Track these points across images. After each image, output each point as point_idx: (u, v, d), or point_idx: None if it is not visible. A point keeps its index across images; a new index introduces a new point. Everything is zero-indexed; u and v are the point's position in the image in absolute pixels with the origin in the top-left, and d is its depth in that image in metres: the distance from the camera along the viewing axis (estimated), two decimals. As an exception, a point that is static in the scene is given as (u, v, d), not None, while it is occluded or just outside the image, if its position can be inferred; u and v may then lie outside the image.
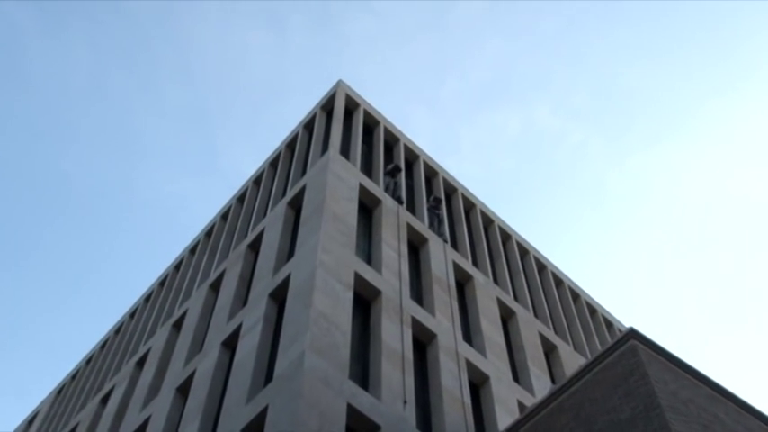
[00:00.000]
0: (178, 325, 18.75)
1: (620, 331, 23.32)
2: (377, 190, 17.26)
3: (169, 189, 61.58)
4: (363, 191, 16.85)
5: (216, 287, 18.17)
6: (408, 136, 21.72)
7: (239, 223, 20.05)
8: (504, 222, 22.48)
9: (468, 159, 62.01)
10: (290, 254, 15.44)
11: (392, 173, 18.70)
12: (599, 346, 21.12)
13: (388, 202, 17.20)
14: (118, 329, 24.48)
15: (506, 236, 22.14)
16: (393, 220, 16.71)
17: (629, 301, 57.06)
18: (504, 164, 61.62)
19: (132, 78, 61.96)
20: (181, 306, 19.49)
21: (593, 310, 23.34)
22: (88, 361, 25.04)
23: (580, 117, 61.63)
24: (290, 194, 17.36)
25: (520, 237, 22.63)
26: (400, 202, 17.66)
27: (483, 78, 61.99)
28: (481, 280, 17.91)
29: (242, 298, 16.17)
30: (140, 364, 19.19)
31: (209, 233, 22.64)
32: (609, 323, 23.39)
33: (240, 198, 22.01)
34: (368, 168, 19.03)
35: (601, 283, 57.34)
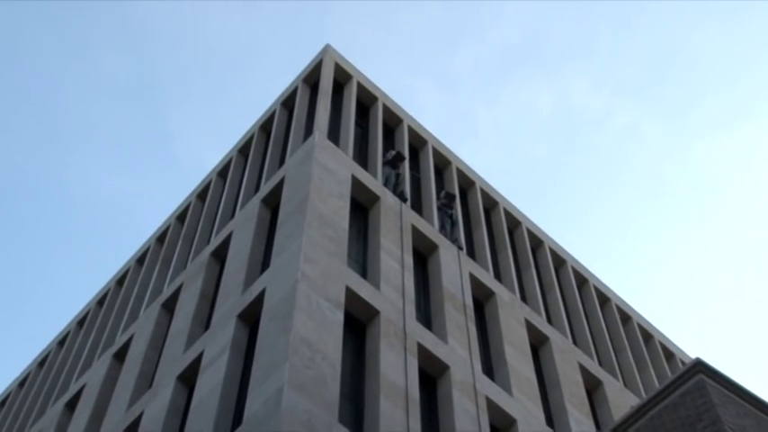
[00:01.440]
0: (121, 355, 18.74)
1: (683, 363, 23.38)
2: (374, 184, 17.28)
3: (109, 184, 61.57)
4: (357, 185, 16.87)
5: (170, 307, 18.17)
6: (413, 116, 21.77)
7: (200, 226, 20.08)
8: (533, 224, 22.52)
9: (487, 145, 62.15)
10: (265, 264, 15.45)
11: (393, 162, 18.73)
12: (656, 383, 21.15)
13: (388, 199, 17.22)
14: (42, 361, 24.45)
15: (537, 241, 22.19)
16: (394, 221, 16.73)
17: (694, 325, 57.16)
18: (533, 151, 61.83)
19: (61, 43, 62.06)
20: (125, 331, 19.49)
21: (648, 336, 23.39)
22: (3, 402, 24.98)
23: (630, 93, 61.84)
24: (264, 189, 17.37)
25: (554, 242, 22.68)
26: (403, 200, 17.69)
27: (506, 43, 62.14)
28: (505, 297, 17.94)
29: (203, 321, 16.17)
30: (71, 405, 19.17)
31: (161, 239, 22.65)
32: (669, 353, 23.44)
33: (201, 194, 22.03)
34: (363, 157, 19.04)
35: (658, 302, 57.42)
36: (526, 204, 55.62)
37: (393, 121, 20.96)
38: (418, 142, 21.19)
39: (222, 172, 21.61)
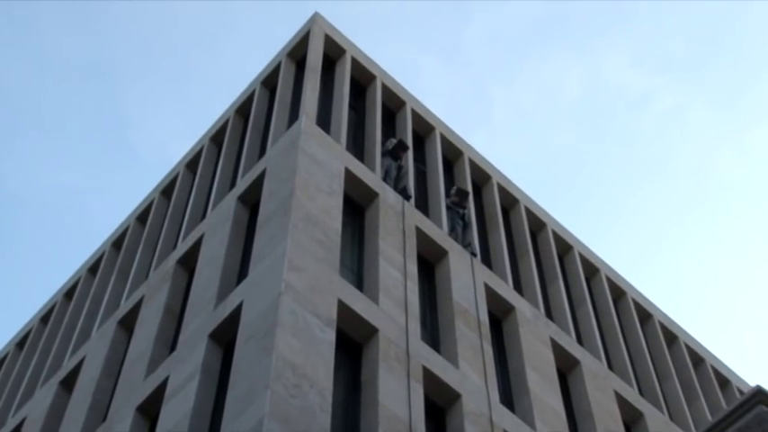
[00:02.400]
0: (69, 383, 18.74)
1: (740, 392, 23.39)
2: (372, 179, 17.31)
3: (55, 179, 61.61)
4: (351, 180, 16.90)
5: (128, 324, 18.18)
6: (418, 98, 21.79)
7: (164, 228, 20.10)
8: (560, 226, 22.56)
9: (505, 133, 62.20)
10: (242, 274, 15.47)
11: (395, 153, 18.76)
12: (708, 415, 21.16)
13: (388, 196, 17.25)
14: (-20, 389, 24.42)
15: (565, 247, 22.23)
16: (396, 223, 16.75)
17: (753, 346, 57.11)
18: (559, 139, 61.89)
19: None
20: (74, 354, 19.50)
21: (698, 359, 23.42)
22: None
23: (674, 72, 61.91)
24: (241, 185, 17.40)
25: (585, 248, 22.72)
26: (406, 197, 17.72)
27: (527, 14, 62.16)
28: (527, 313, 17.97)
29: (168, 341, 16.18)
30: (14, 440, 19.18)
31: (117, 244, 22.67)
32: (723, 379, 23.47)
33: (166, 191, 22.07)
34: (358, 146, 19.06)
35: (710, 320, 57.48)
36: (552, 202, 55.69)
37: (394, 103, 20.99)
38: (424, 129, 21.21)
39: (191, 164, 21.65)
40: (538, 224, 21.95)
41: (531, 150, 61.43)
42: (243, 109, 20.92)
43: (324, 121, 18.54)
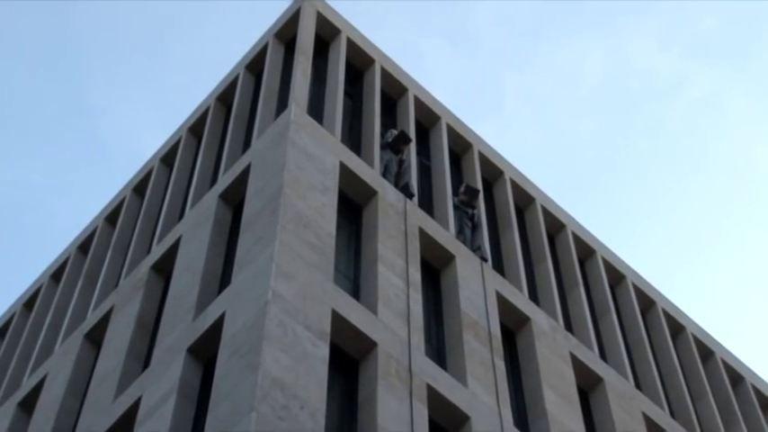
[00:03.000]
0: (29, 403, 18.73)
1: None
2: (370, 174, 17.33)
3: (14, 176, 61.54)
4: (347, 176, 16.92)
5: (96, 338, 18.20)
6: (422, 84, 21.81)
7: (137, 230, 20.11)
8: (581, 228, 22.58)
9: (519, 123, 62.16)
10: (225, 281, 15.50)
11: (396, 145, 18.76)
12: (745, 439, 21.17)
13: (388, 194, 17.27)
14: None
15: (587, 251, 22.25)
16: (397, 224, 16.78)
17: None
18: (579, 130, 61.90)
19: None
20: (34, 371, 19.50)
21: (737, 377, 23.41)
22: None
23: (708, 54, 61.88)
24: (223, 181, 17.41)
25: (609, 252, 22.74)
26: (409, 195, 17.74)
27: (547, -13, 62.09)
28: (544, 325, 17.99)
29: (141, 356, 16.20)
30: (-32, 468, 19.18)
31: (84, 247, 22.68)
32: (765, 400, 23.43)
33: (138, 188, 22.07)
34: (355, 138, 19.07)
35: (751, 333, 57.39)
36: (571, 201, 55.52)
37: (395, 90, 21.01)
38: (428, 119, 21.23)
39: (166, 158, 21.66)
40: (556, 225, 21.96)
41: (547, 143, 61.42)
42: (225, 96, 20.93)
43: (316, 110, 18.53)
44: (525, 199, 21.76)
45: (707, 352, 23.08)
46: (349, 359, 13.96)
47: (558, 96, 61.65)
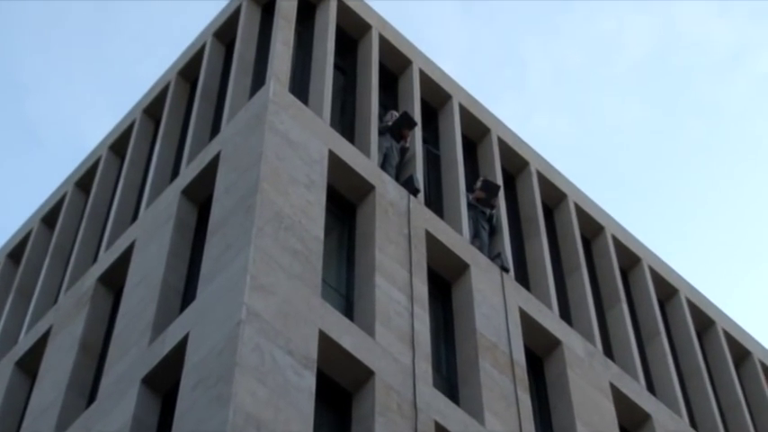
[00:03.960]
0: (-47, 444, 18.70)
1: None
2: (366, 166, 17.29)
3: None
4: (338, 167, 16.90)
5: (30, 366, 18.15)
6: (429, 55, 21.78)
7: (81, 234, 20.10)
8: (624, 231, 22.57)
9: (545, 103, 62.10)
10: (188, 296, 15.48)
11: (397, 129, 18.72)
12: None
13: (388, 189, 17.24)
14: None
15: (631, 258, 22.24)
16: (399, 226, 16.76)
17: None
18: (618, 112, 61.86)
19: None
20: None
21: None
22: None
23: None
24: (187, 175, 17.38)
25: (657, 260, 22.73)
26: (413, 191, 17.71)
27: (581, -62, 62.10)
28: (579, 350, 17.97)
29: (85, 388, 16.17)
30: None
31: (15, 255, 22.62)
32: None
33: (82, 182, 22.05)
34: (348, 121, 19.04)
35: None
36: (611, 198, 55.51)
37: (396, 63, 20.98)
38: (437, 98, 21.20)
39: (117, 146, 21.64)
40: (593, 228, 21.94)
41: (581, 128, 61.34)
42: (188, 70, 20.90)
43: (300, 87, 18.50)
44: (555, 196, 21.74)
45: (777, 383, 23.06)
46: (340, 391, 13.93)
47: (594, 72, 61.57)
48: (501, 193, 19.64)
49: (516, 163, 21.55)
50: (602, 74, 61.57)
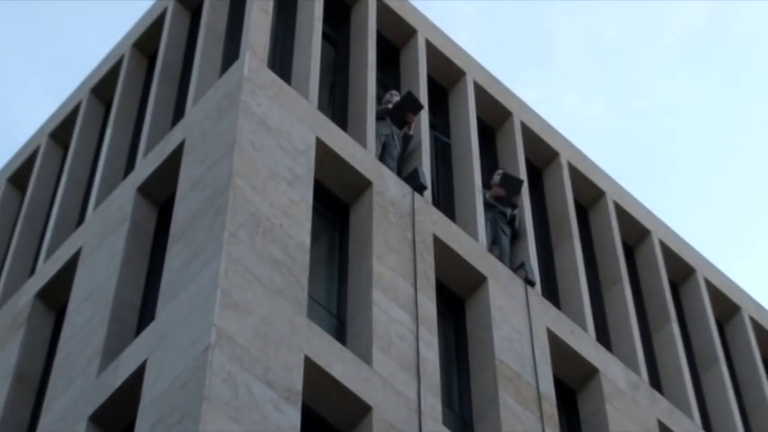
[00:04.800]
0: None
1: None
2: (361, 156, 17.31)
3: None
4: (328, 159, 16.93)
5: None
6: (438, 23, 21.80)
7: (14, 241, 20.12)
8: (675, 236, 22.59)
9: (577, 81, 62.07)
10: (146, 315, 15.50)
11: (400, 114, 18.73)
12: None
13: (388, 186, 17.26)
14: None
15: (683, 269, 22.28)
16: (401, 230, 16.78)
17: None
18: (665, 93, 61.82)
19: None
20: None
21: None
22: None
23: None
24: (144, 168, 17.39)
25: (715, 271, 22.75)
26: (419, 188, 17.72)
27: None
28: (620, 380, 17.99)
29: (22, 426, 16.16)
30: None
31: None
32: None
33: (15, 178, 22.07)
34: (339, 104, 19.04)
35: None
36: (659, 196, 55.50)
37: (398, 33, 21.02)
38: (448, 75, 21.23)
39: (58, 134, 21.68)
40: (637, 232, 21.96)
41: (621, 111, 61.27)
42: (145, 42, 20.94)
43: (281, 62, 18.52)
44: (590, 193, 21.77)
45: None
46: (330, 430, 13.93)
47: (635, 45, 61.58)
48: (525, 190, 19.65)
49: (543, 153, 21.58)
50: (644, 47, 61.55)
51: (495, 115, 21.40)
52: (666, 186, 58.28)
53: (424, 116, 19.29)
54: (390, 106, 18.78)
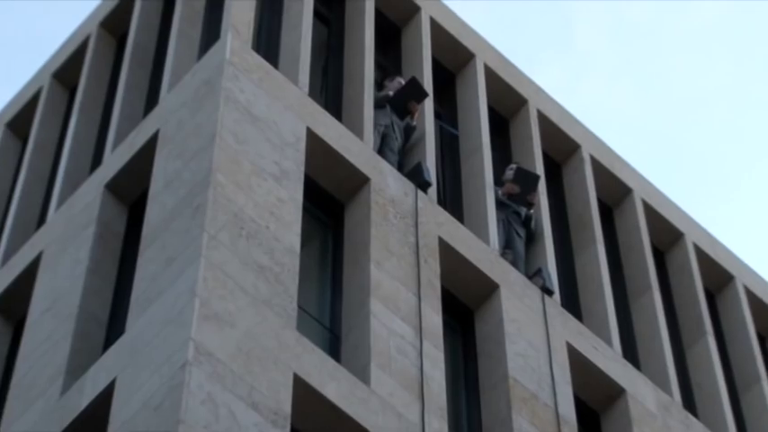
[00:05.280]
0: None
1: None
2: (357, 149, 17.31)
3: None
4: (320, 152, 16.95)
5: None
6: (444, 1, 21.76)
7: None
8: (711, 238, 22.63)
9: (599, 64, 62.10)
10: (114, 328, 15.51)
11: (401, 101, 18.72)
12: None
13: (388, 183, 17.28)
14: None
15: (720, 276, 22.33)
16: (402, 232, 16.80)
17: None
18: (698, 78, 61.88)
19: None
20: None
21: None
22: None
23: None
24: (112, 164, 17.41)
25: (756, 278, 22.77)
26: (422, 185, 17.72)
27: None
28: (649, 401, 18.00)
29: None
30: None
31: None
32: None
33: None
34: (333, 90, 19.05)
35: None
36: (693, 193, 55.58)
37: (399, 9, 21.07)
38: (455, 58, 21.26)
39: (16, 124, 21.73)
40: (669, 234, 22.01)
41: (648, 99, 61.37)
42: (114, 21, 20.97)
43: (268, 43, 18.53)
44: (616, 191, 21.80)
45: None
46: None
47: (663, 24, 61.69)
48: (542, 187, 19.66)
49: (563, 146, 21.61)
50: (675, 28, 61.67)
51: (509, 103, 21.42)
52: (702, 183, 58.40)
53: (429, 104, 19.29)
54: (391, 93, 18.75)
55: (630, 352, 19.40)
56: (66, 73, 21.24)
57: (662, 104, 61.12)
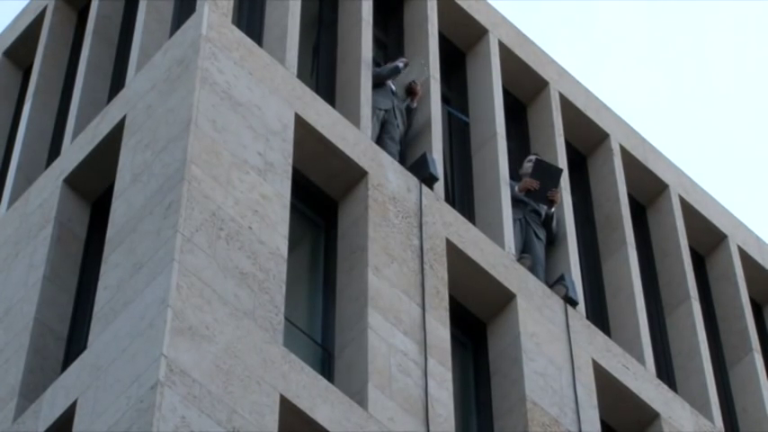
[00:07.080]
0: None
1: None
2: (353, 139, 17.35)
3: None
4: (310, 141, 16.98)
5: None
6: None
7: None
8: (757, 240, 22.65)
9: (623, 44, 62.10)
10: (75, 344, 15.53)
11: (404, 84, 18.71)
12: None
13: (388, 177, 17.30)
14: None
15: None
16: (404, 233, 16.83)
17: None
18: (736, 58, 61.85)
19: None
20: None
21: None
22: None
23: None
24: (73, 154, 17.42)
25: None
26: (427, 179, 17.74)
27: None
28: (687, 427, 18.02)
29: None
30: None
31: None
32: None
33: None
34: (325, 72, 19.07)
35: None
36: (736, 190, 55.56)
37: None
38: (466, 34, 21.29)
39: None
40: (709, 236, 22.03)
41: (682, 83, 61.37)
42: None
43: (251, 17, 18.57)
44: (650, 186, 21.83)
45: None
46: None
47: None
48: (564, 182, 19.68)
49: (589, 135, 21.63)
50: (711, 1, 61.74)
51: (527, 86, 21.45)
52: (747, 178, 58.41)
53: (435, 87, 19.30)
54: (392, 73, 18.71)
55: (666, 371, 19.44)
56: (18, 51, 21.26)
57: (699, 89, 61.19)
